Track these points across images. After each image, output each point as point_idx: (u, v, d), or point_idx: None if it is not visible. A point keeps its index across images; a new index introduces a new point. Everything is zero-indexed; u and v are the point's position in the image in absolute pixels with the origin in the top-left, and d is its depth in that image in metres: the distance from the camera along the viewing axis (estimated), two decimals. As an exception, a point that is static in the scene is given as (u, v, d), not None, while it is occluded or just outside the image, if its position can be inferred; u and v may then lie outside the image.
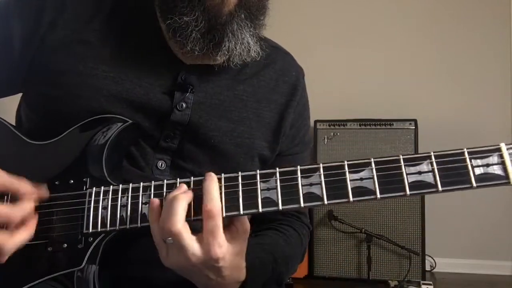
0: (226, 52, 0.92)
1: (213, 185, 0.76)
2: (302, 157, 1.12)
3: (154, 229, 0.77)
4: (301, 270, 3.14)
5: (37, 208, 0.83)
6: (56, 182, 0.86)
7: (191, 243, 0.74)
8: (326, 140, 3.26)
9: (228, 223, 0.79)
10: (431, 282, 3.02)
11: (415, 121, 3.18)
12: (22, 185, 0.81)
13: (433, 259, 3.37)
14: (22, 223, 0.80)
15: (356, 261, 3.15)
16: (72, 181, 0.86)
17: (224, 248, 0.75)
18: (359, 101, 3.54)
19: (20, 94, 1.04)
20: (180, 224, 0.74)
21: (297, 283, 3.05)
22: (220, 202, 0.76)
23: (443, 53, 3.54)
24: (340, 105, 3.51)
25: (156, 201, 0.78)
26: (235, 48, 0.92)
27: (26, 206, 0.80)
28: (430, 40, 3.56)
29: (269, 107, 1.05)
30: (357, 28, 3.64)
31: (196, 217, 0.77)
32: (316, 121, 3.26)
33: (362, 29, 3.63)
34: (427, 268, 3.25)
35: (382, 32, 3.61)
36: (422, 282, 2.99)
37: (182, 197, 0.76)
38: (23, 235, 0.79)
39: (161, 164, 0.96)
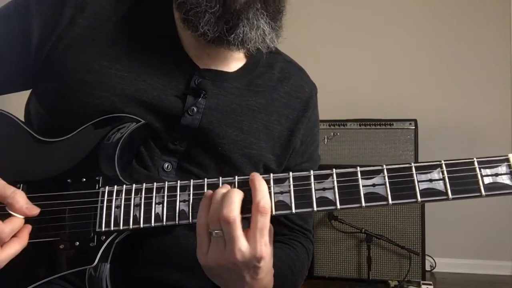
0: (241, 36, 0.90)
1: (264, 183, 0.76)
2: None
3: (202, 219, 0.76)
4: (301, 270, 3.14)
5: (48, 206, 0.84)
6: (68, 180, 0.86)
7: (241, 236, 0.73)
8: (326, 140, 3.26)
9: None
10: (431, 282, 3.03)
11: (415, 121, 3.19)
12: (16, 198, 0.81)
13: (433, 259, 3.39)
14: (14, 235, 0.80)
15: (356, 261, 3.16)
16: (84, 179, 0.86)
17: (268, 248, 0.74)
18: (359, 101, 3.55)
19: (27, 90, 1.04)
20: (236, 212, 0.73)
21: (297, 282, 3.05)
22: (270, 201, 0.76)
23: (443, 53, 3.55)
24: (340, 105, 3.51)
25: (210, 191, 0.78)
26: (250, 33, 0.90)
27: (16, 222, 0.80)
28: (430, 40, 3.57)
29: (279, 121, 1.04)
30: (357, 28, 3.65)
31: (244, 215, 0.76)
32: (316, 121, 3.26)
33: (362, 29, 3.64)
34: (427, 268, 3.26)
35: (382, 32, 3.62)
36: (422, 282, 3.01)
37: (238, 191, 0.75)
38: (15, 248, 0.79)
39: (167, 166, 0.95)
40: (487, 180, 0.74)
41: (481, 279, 3.28)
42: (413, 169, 0.76)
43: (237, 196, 0.74)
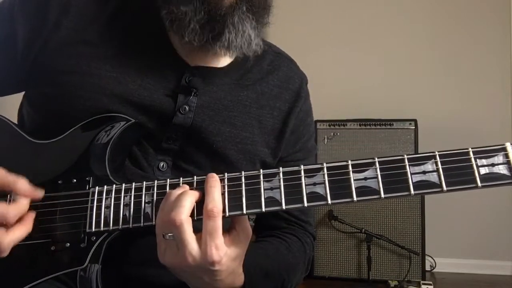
0: (226, 44, 0.90)
1: (215, 186, 0.76)
2: (305, 164, 1.11)
3: (158, 220, 0.76)
4: (301, 270, 3.14)
5: (39, 207, 0.83)
6: (59, 181, 0.86)
7: (191, 240, 0.73)
8: (326, 140, 3.26)
9: (230, 227, 0.78)
10: (431, 282, 3.03)
11: (415, 121, 3.18)
12: (19, 183, 0.81)
13: (433, 259, 3.38)
14: (18, 220, 0.80)
15: (356, 261, 3.15)
16: (75, 180, 0.86)
17: (221, 251, 0.73)
18: (359, 101, 3.55)
19: (21, 93, 1.04)
20: (184, 215, 0.73)
21: (297, 283, 3.05)
22: (221, 204, 0.75)
23: (443, 53, 3.55)
24: (340, 105, 3.52)
25: (171, 191, 0.77)
26: (235, 40, 0.90)
27: (22, 205, 0.80)
28: (430, 40, 3.56)
29: (272, 114, 1.04)
30: (357, 28, 3.64)
31: (199, 216, 0.76)
32: (316, 121, 3.25)
33: (362, 29, 3.64)
34: (427, 268, 3.26)
35: (382, 32, 3.62)
36: (422, 282, 3.01)
37: (191, 193, 0.75)
38: (20, 232, 0.79)
39: (163, 165, 0.95)
40: (483, 170, 0.70)
41: (481, 279, 3.27)
42: (406, 161, 0.73)
43: (188, 199, 0.74)
